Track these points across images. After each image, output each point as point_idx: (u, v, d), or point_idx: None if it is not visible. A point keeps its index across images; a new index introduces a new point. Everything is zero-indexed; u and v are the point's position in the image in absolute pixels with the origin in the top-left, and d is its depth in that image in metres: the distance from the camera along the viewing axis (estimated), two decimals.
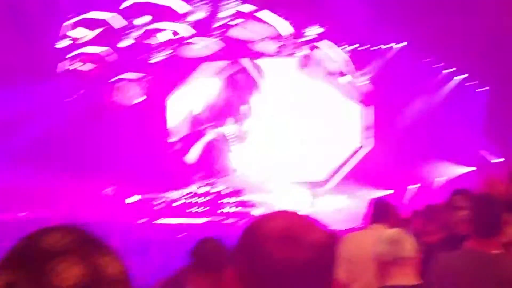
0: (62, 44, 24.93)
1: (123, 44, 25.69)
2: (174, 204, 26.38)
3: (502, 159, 22.66)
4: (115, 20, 23.93)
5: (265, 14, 23.21)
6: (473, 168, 23.41)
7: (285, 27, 23.70)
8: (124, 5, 23.14)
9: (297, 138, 28.08)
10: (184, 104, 30.22)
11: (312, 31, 24.20)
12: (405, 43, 24.63)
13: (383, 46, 25.19)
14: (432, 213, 6.53)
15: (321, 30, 24.04)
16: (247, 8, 23.23)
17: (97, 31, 24.31)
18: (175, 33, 24.85)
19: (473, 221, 4.33)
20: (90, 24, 24.04)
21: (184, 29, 24.81)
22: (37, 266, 1.24)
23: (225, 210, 25.28)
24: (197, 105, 29.91)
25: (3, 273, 1.25)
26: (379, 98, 25.48)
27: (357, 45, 25.07)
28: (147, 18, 24.09)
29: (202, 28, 25.30)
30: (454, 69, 24.58)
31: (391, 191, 23.28)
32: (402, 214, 8.00)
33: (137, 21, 24.29)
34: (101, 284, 1.23)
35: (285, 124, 28.29)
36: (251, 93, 29.08)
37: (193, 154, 29.13)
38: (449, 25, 21.27)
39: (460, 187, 6.50)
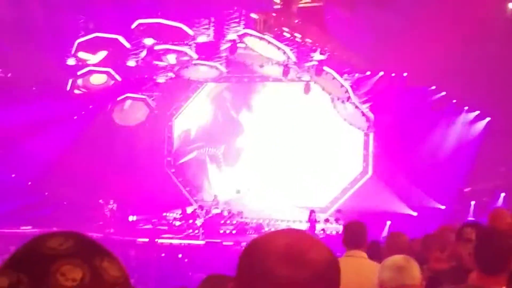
0: (72, 61, 25.18)
1: (130, 63, 25.94)
2: (176, 224, 26.50)
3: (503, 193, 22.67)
4: (124, 40, 24.14)
5: (269, 40, 23.27)
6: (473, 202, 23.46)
7: (288, 52, 23.80)
8: (133, 25, 23.32)
9: (299, 163, 28.18)
10: (184, 125, 30.55)
11: (316, 57, 24.27)
12: (405, 73, 24.71)
13: (382, 74, 25.34)
14: (444, 242, 6.37)
15: (324, 57, 24.11)
16: (252, 33, 23.35)
17: (105, 51, 24.50)
18: (181, 54, 24.99)
19: (478, 256, 4.21)
20: (99, 42, 24.21)
21: (191, 51, 24.99)
22: (40, 268, 1.27)
23: (224, 231, 25.32)
24: (196, 126, 30.26)
25: (6, 274, 1.28)
26: (380, 126, 25.53)
27: (358, 73, 25.23)
28: (155, 39, 24.26)
29: (208, 50, 25.46)
30: (455, 100, 24.62)
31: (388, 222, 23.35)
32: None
33: (145, 41, 24.48)
34: (102, 286, 1.28)
35: (288, 148, 28.43)
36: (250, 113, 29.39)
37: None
38: (450, 55, 21.33)
39: (471, 220, 6.26)
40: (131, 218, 27.04)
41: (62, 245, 1.32)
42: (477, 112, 24.68)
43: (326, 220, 25.90)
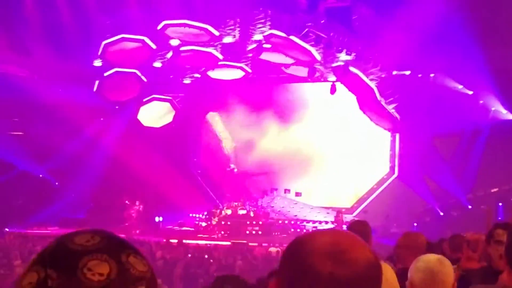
0: (98, 63, 25.35)
1: (157, 64, 26.06)
2: (202, 224, 26.51)
3: None
4: (150, 41, 24.23)
5: (294, 40, 23.20)
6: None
7: (314, 53, 23.70)
8: (159, 26, 23.39)
9: (326, 164, 28.12)
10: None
11: (342, 58, 24.18)
12: (432, 74, 24.50)
13: (407, 74, 25.13)
14: (475, 243, 6.29)
15: (350, 57, 24.02)
16: (277, 33, 23.29)
17: (132, 51, 24.59)
18: (208, 55, 25.02)
19: (509, 255, 4.05)
20: (126, 44, 24.31)
21: (217, 52, 25.02)
22: (68, 263, 1.29)
23: (249, 232, 25.29)
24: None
25: (36, 269, 1.31)
26: (406, 126, 25.33)
27: (384, 73, 25.02)
28: (180, 40, 24.31)
29: (234, 51, 25.48)
30: (482, 101, 24.35)
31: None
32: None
33: (171, 42, 24.56)
34: (128, 280, 1.31)
35: (314, 149, 28.37)
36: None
37: None
38: (477, 55, 21.12)
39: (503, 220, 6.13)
40: (157, 218, 27.16)
41: (89, 241, 1.34)
42: (505, 112, 24.39)
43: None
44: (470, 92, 24.39)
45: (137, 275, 1.33)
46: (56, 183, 27.47)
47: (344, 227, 24.16)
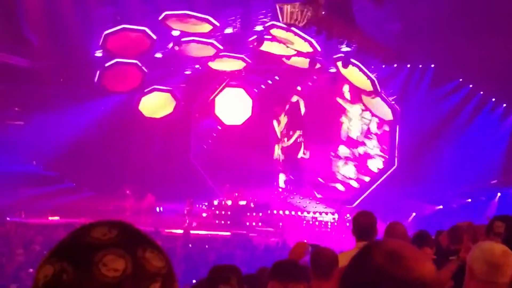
0: (99, 53, 25.31)
1: (157, 55, 26.02)
2: (202, 215, 26.55)
3: None
4: (151, 32, 24.17)
5: (295, 31, 23.13)
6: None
7: (315, 44, 23.66)
8: (161, 16, 23.33)
9: (325, 154, 28.14)
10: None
11: (342, 49, 24.14)
12: (432, 65, 24.47)
13: (408, 66, 25.09)
14: (475, 233, 6.30)
15: (351, 49, 23.97)
16: (279, 24, 23.23)
17: (134, 41, 24.53)
18: (209, 45, 24.97)
19: (507, 246, 3.92)
20: (127, 34, 24.24)
21: (218, 42, 24.97)
22: (83, 257, 1.28)
23: (250, 223, 25.32)
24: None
25: (51, 263, 1.30)
26: (406, 118, 25.34)
27: (384, 65, 25.00)
28: (181, 31, 24.25)
29: (235, 42, 25.43)
30: (482, 92, 24.34)
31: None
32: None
33: (172, 33, 24.50)
34: (144, 276, 1.30)
35: (314, 140, 28.41)
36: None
37: None
38: (478, 47, 21.09)
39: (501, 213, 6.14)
40: (158, 209, 27.17)
41: (106, 235, 1.34)
42: (504, 105, 24.41)
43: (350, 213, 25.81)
44: (470, 85, 24.40)
45: (153, 271, 1.33)
46: (57, 173, 27.48)
47: (348, 216, 24.37)
